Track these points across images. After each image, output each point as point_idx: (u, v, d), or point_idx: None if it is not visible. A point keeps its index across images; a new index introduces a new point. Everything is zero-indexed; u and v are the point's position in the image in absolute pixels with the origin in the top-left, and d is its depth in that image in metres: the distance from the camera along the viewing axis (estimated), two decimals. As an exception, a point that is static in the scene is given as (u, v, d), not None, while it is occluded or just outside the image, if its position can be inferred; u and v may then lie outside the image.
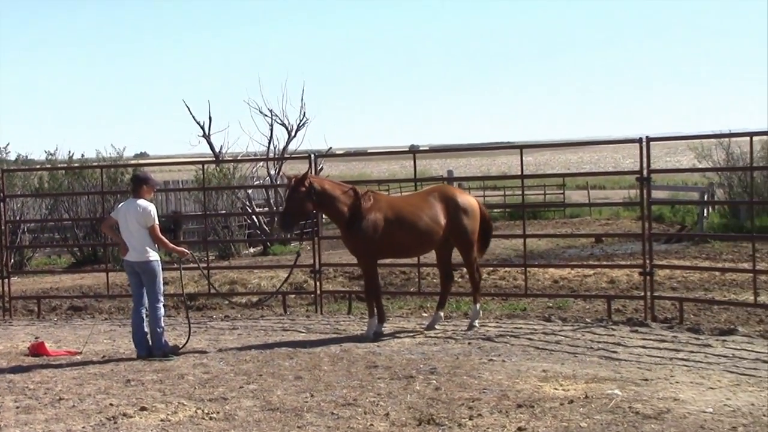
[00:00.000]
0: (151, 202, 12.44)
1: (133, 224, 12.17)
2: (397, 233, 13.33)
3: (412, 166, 16.58)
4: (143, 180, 12.47)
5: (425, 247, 13.98)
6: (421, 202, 13.62)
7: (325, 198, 13.19)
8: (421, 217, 13.38)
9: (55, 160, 30.87)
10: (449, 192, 13.96)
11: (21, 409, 9.64)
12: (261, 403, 9.56)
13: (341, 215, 13.26)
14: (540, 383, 10.15)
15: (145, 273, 12.22)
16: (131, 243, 12.24)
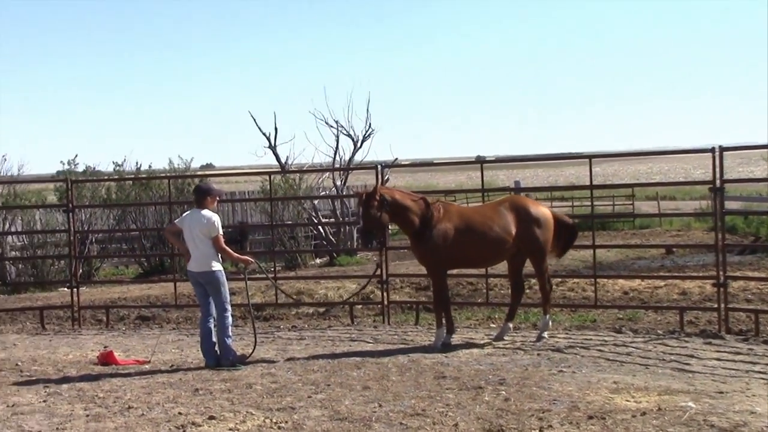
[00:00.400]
0: (216, 213, 12.47)
1: (197, 235, 12.21)
2: (467, 244, 13.23)
3: (479, 177, 16.46)
4: (206, 191, 12.50)
5: (495, 258, 13.86)
6: (492, 212, 13.51)
7: (397, 208, 13.15)
8: (491, 228, 13.27)
9: (122, 171, 31.19)
10: (521, 202, 13.83)
11: (91, 417, 9.70)
12: (329, 413, 9.52)
13: (412, 225, 13.20)
14: (611, 395, 10.00)
15: (210, 284, 12.26)
16: (195, 253, 12.28)
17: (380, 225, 13.17)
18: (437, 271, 13.44)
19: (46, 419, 9.69)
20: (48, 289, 24.68)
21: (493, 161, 35.15)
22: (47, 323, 17.35)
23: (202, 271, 12.23)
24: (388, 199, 13.05)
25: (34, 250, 27.08)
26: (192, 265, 12.35)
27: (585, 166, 15.83)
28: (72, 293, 17.41)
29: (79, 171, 30.09)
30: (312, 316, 17.41)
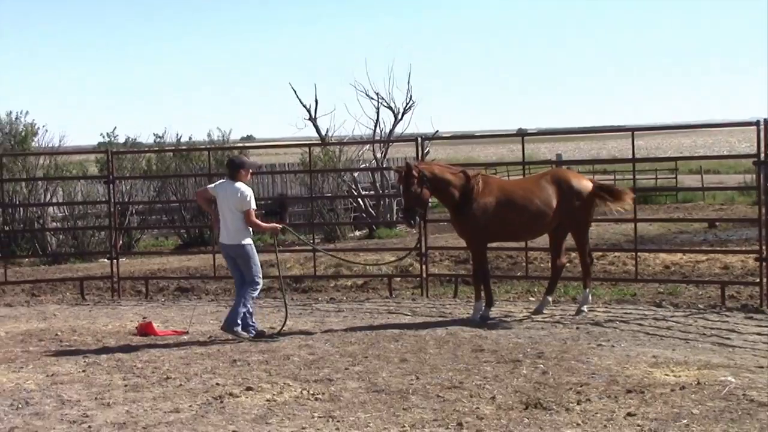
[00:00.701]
0: (250, 186, 12.42)
1: (230, 207, 12.15)
2: (508, 217, 13.17)
3: (520, 150, 16.36)
4: (240, 164, 12.42)
5: (536, 231, 13.81)
6: (533, 185, 13.42)
7: (437, 183, 13.07)
8: (532, 201, 13.18)
9: (163, 143, 31.27)
10: (563, 175, 13.72)
11: (129, 387, 9.75)
12: (366, 385, 9.52)
13: (452, 198, 13.14)
14: (650, 369, 9.92)
15: (240, 257, 12.22)
16: (225, 225, 12.23)
17: (422, 202, 13.10)
18: (478, 245, 13.38)
19: (85, 389, 9.76)
20: (88, 260, 24.86)
21: (535, 134, 34.92)
22: (87, 294, 17.47)
23: (233, 243, 12.19)
24: (427, 174, 12.97)
25: (74, 221, 27.26)
26: (223, 237, 12.33)
27: (628, 140, 15.82)
28: (112, 264, 17.51)
29: (119, 142, 30.20)
30: (350, 288, 17.41)
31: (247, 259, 12.20)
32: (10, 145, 26.81)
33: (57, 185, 27.18)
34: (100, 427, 8.30)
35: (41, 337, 12.96)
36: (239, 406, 8.86)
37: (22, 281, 19.07)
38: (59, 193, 27.54)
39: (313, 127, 34.57)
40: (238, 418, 8.47)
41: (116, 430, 8.19)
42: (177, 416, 8.58)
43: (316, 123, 34.48)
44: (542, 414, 8.29)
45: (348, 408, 8.68)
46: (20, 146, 26.91)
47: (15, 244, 25.55)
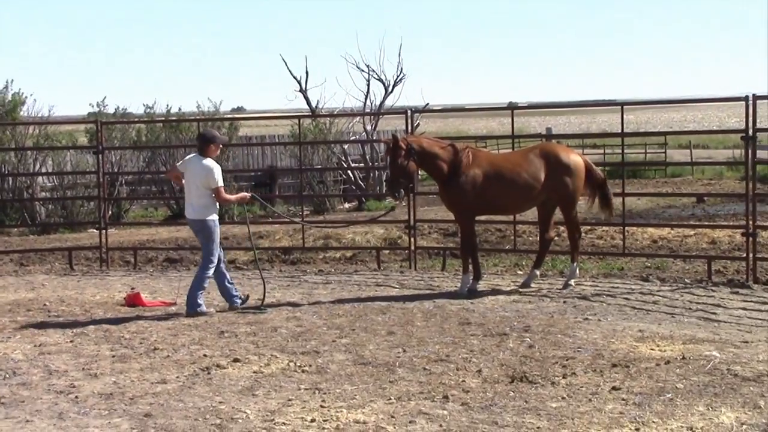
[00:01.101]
0: (217, 162, 12.31)
1: (196, 183, 12.05)
2: (496, 190, 13.20)
3: (510, 123, 16.36)
4: (210, 139, 12.29)
5: (524, 205, 13.88)
6: (522, 159, 13.44)
7: (425, 156, 13.09)
8: (520, 174, 13.21)
9: (153, 114, 31.13)
10: (551, 149, 13.74)
11: (117, 358, 9.78)
12: (353, 357, 9.56)
13: (440, 171, 13.16)
14: (636, 343, 9.98)
15: (201, 231, 12.16)
16: (190, 200, 12.16)
17: (408, 174, 13.08)
18: (466, 217, 13.41)
19: (72, 359, 9.78)
20: (77, 230, 24.81)
21: (525, 107, 34.94)
22: (75, 264, 17.45)
23: (196, 218, 12.13)
24: (415, 147, 12.98)
25: (63, 191, 27.18)
26: (188, 212, 12.27)
27: (618, 114, 15.72)
28: (101, 234, 17.49)
29: (109, 113, 30.07)
30: (339, 260, 17.42)
31: (208, 235, 12.11)
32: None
33: (46, 155, 27.07)
34: (87, 398, 8.33)
35: (29, 307, 12.97)
36: (226, 378, 8.89)
37: (11, 251, 19.05)
38: (48, 163, 27.44)
39: (304, 99, 34.50)
40: (225, 389, 8.50)
41: (103, 401, 8.22)
42: (164, 387, 8.61)
43: (306, 95, 34.41)
44: (528, 387, 8.34)
45: (335, 380, 8.72)
46: (9, 116, 26.77)
47: (4, 213, 25.50)
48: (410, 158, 12.94)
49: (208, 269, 12.13)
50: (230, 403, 8.05)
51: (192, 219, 12.22)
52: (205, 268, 12.14)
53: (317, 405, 7.93)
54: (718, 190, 32.02)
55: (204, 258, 12.21)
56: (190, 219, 12.29)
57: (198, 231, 12.23)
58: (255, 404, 8.00)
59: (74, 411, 7.95)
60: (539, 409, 7.70)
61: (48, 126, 27.39)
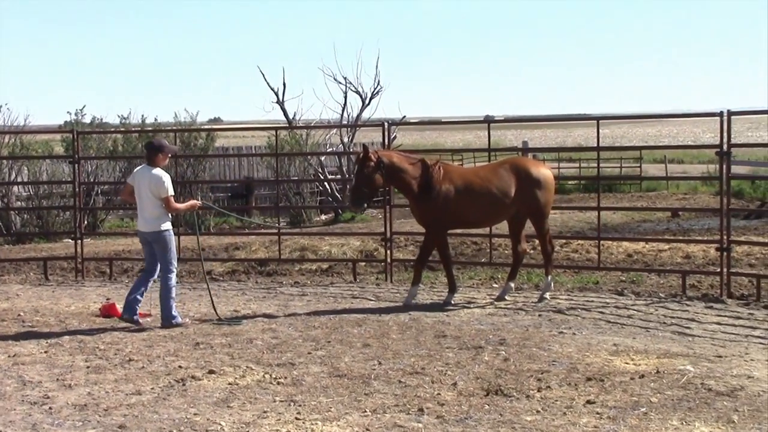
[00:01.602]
0: (167, 171, 12.20)
1: (146, 193, 11.93)
2: (467, 205, 13.27)
3: (487, 137, 16.41)
4: (158, 148, 12.14)
5: (494, 219, 14.01)
6: (491, 173, 13.51)
7: (394, 171, 13.11)
8: (490, 189, 13.28)
9: (128, 124, 31.06)
10: (522, 164, 13.82)
11: (91, 369, 9.74)
12: (329, 370, 9.55)
13: (410, 187, 13.20)
14: (611, 357, 10.01)
15: (157, 243, 12.02)
16: (143, 212, 12.02)
17: (372, 186, 13.10)
18: (438, 232, 13.45)
19: (46, 370, 9.74)
20: (52, 240, 24.71)
21: (502, 121, 34.95)
22: (51, 274, 17.37)
23: (150, 231, 12.00)
24: (385, 161, 13.01)
25: (39, 201, 27.07)
26: (140, 224, 12.14)
27: (593, 128, 15.87)
28: (76, 245, 17.41)
29: (85, 122, 29.98)
30: (315, 272, 17.41)
31: (164, 244, 12.00)
32: (-28, 124, 26.61)
33: (22, 164, 26.97)
34: (61, 408, 8.29)
35: (3, 317, 12.90)
36: (201, 389, 8.87)
37: (-16, 260, 18.93)
38: (24, 172, 27.33)
39: (281, 110, 34.51)
40: (200, 401, 8.48)
41: (77, 412, 8.18)
42: (139, 398, 8.58)
43: (283, 106, 34.43)
44: (503, 401, 8.36)
45: (310, 392, 8.71)
46: (-18, 125, 26.70)
47: (-22, 223, 25.37)
48: (378, 171, 12.97)
49: (169, 279, 12.03)
50: (205, 414, 8.03)
51: (145, 231, 12.06)
52: (166, 280, 12.02)
53: (292, 417, 7.92)
54: (692, 205, 32.23)
55: (163, 269, 12.09)
56: (142, 231, 12.10)
57: (153, 242, 12.04)
58: (230, 416, 7.99)
59: (48, 422, 7.91)
60: (514, 423, 7.71)
61: (23, 135, 27.28)
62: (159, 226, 11.97)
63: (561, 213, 26.63)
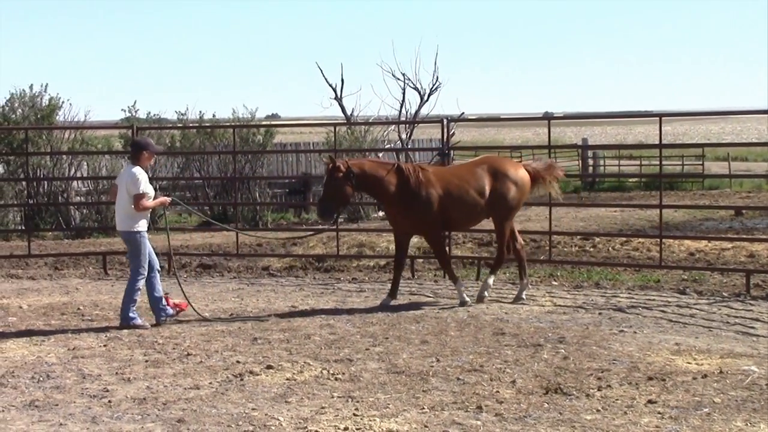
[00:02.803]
0: (146, 171, 12.02)
1: (122, 192, 11.74)
2: (450, 207, 13.06)
3: (546, 134, 16.29)
4: (143, 146, 11.99)
5: (474, 220, 13.73)
6: (468, 174, 13.31)
7: (367, 179, 12.86)
8: (468, 190, 13.09)
9: (186, 120, 31.22)
10: (498, 164, 13.60)
11: (150, 363, 9.79)
12: (386, 366, 9.52)
13: (388, 194, 12.96)
14: (672, 356, 9.87)
15: (128, 243, 11.83)
16: (119, 210, 11.85)
17: (341, 197, 12.82)
18: (435, 232, 13.30)
19: (105, 363, 9.80)
20: (111, 234, 24.80)
21: (561, 117, 34.81)
22: (110, 269, 17.49)
23: (123, 230, 11.84)
24: (355, 171, 12.72)
25: (98, 196, 27.28)
26: (117, 223, 12.01)
27: (654, 125, 15.60)
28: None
29: (141, 118, 30.16)
30: (373, 268, 17.36)
31: (136, 246, 11.76)
32: (35, 119, 26.82)
33: (81, 160, 27.19)
34: (120, 402, 8.33)
35: (63, 310, 13.02)
36: (259, 385, 8.88)
37: (46, 254, 19.14)
38: (84, 167, 27.55)
39: (339, 106, 34.49)
40: (257, 396, 8.48)
41: (136, 405, 8.22)
42: (197, 393, 8.61)
43: (341, 102, 34.37)
44: (562, 399, 8.27)
45: (368, 389, 8.68)
46: (45, 120, 26.91)
47: (39, 217, 25.60)
48: (347, 182, 12.69)
49: (137, 282, 11.77)
50: (263, 410, 8.03)
51: (119, 230, 11.96)
52: (134, 282, 11.78)
53: (350, 413, 7.90)
54: (756, 203, 31.72)
55: (132, 270, 11.90)
56: (118, 230, 12.02)
57: (126, 241, 11.89)
58: (288, 411, 7.98)
59: (107, 415, 7.96)
60: (574, 422, 7.63)
61: (83, 131, 27.51)
62: (132, 227, 11.74)
63: (621, 211, 26.38)
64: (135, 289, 11.77)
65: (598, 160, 42.05)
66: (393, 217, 13.45)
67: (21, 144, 24.29)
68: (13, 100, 26.86)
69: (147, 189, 11.77)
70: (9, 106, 26.84)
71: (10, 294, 14.57)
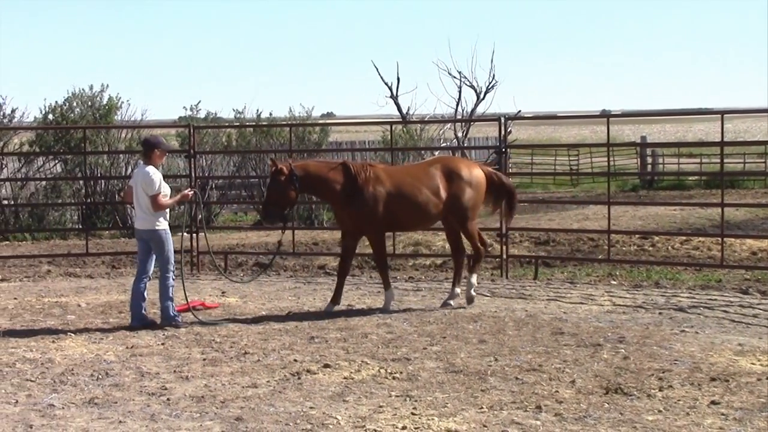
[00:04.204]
0: (159, 169, 12.01)
1: (140, 191, 11.75)
2: (398, 207, 12.70)
3: (604, 132, 16.13)
4: (154, 144, 11.99)
5: (427, 221, 13.38)
6: (422, 173, 12.94)
7: (311, 181, 12.59)
8: (421, 190, 12.72)
9: (243, 119, 31.32)
10: (453, 164, 13.26)
11: (207, 361, 9.81)
12: (444, 365, 9.45)
13: (333, 194, 12.67)
14: (735, 357, 9.72)
15: (153, 241, 11.85)
16: (140, 209, 11.85)
17: (285, 200, 12.58)
18: (377, 235, 12.93)
19: (163, 362, 9.83)
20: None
21: (619, 115, 34.47)
22: (167, 267, 17.55)
23: (145, 228, 11.85)
24: (297, 173, 12.43)
25: (155, 195, 27.46)
26: (137, 222, 12.02)
27: (713, 122, 15.54)
28: (191, 239, 17.58)
29: (200, 117, 30.33)
30: (429, 267, 17.30)
31: (160, 243, 11.81)
32: (93, 119, 27.05)
33: (138, 159, 27.37)
34: (178, 400, 8.35)
35: (121, 309, 13.09)
36: (317, 383, 8.85)
37: (103, 253, 19.28)
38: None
39: (395, 105, 34.46)
40: (315, 394, 8.46)
41: (195, 404, 8.23)
42: (255, 391, 8.60)
43: (397, 101, 34.35)
44: (623, 399, 8.17)
45: (425, 388, 8.63)
46: (103, 120, 27.13)
47: (96, 216, 25.82)
48: (291, 185, 12.44)
49: (168, 278, 11.83)
50: (321, 408, 8.01)
51: (141, 229, 11.93)
52: (165, 279, 11.83)
53: (408, 412, 7.85)
54: (819, 202, 31.20)
55: (161, 268, 11.91)
56: (138, 229, 12.00)
57: (149, 240, 11.88)
58: (346, 410, 7.95)
59: (166, 413, 7.97)
60: (635, 422, 7.53)
61: (141, 130, 27.70)
62: (153, 224, 11.78)
63: (681, 210, 26.07)
64: (168, 286, 11.82)
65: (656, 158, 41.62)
66: (339, 215, 13.18)
67: (79, 143, 24.47)
68: (72, 99, 27.09)
69: (162, 188, 11.83)
70: (67, 105, 27.06)
71: (69, 292, 14.69)
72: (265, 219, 13.23)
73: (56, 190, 25.37)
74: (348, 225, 12.96)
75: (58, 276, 16.75)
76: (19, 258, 18.56)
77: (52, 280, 16.32)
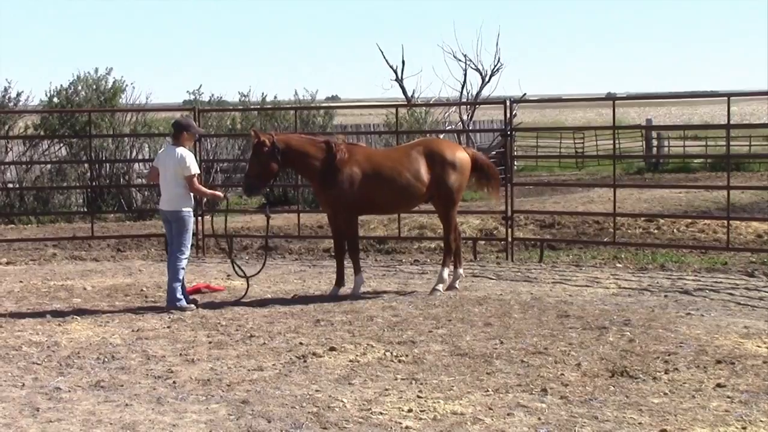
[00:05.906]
0: (191, 151, 12.07)
1: (170, 172, 11.76)
2: (375, 189, 12.59)
3: (610, 114, 16.10)
4: (185, 127, 12.02)
5: (406, 205, 13.32)
6: (403, 156, 12.82)
7: (292, 155, 12.46)
8: (401, 173, 12.59)
9: (247, 102, 31.29)
10: (435, 146, 13.10)
11: (213, 345, 9.82)
12: (450, 348, 9.46)
13: (313, 170, 12.53)
14: (741, 340, 9.72)
15: (176, 222, 11.83)
16: (165, 191, 11.88)
17: (267, 173, 12.45)
18: (348, 216, 12.72)
19: (169, 345, 9.85)
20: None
21: (624, 98, 34.37)
22: (173, 250, 17.57)
23: (171, 210, 11.83)
24: (279, 146, 12.33)
25: (160, 178, 27.45)
26: (163, 204, 12.01)
27: (719, 105, 15.46)
28: (196, 222, 17.55)
29: (204, 101, 30.31)
30: (434, 250, 17.29)
31: (183, 226, 11.82)
32: (98, 102, 27.03)
33: (143, 142, 27.38)
34: (184, 383, 8.37)
35: (127, 292, 13.11)
36: (322, 366, 8.86)
37: (108, 236, 19.29)
38: (145, 149, 27.72)
39: (400, 88, 34.39)
40: (321, 377, 8.47)
41: (201, 387, 8.25)
42: (260, 374, 8.61)
43: (402, 84, 34.28)
44: (628, 382, 8.17)
45: (431, 371, 8.64)
46: (108, 103, 27.11)
47: (101, 199, 25.83)
48: (273, 157, 12.32)
49: (180, 260, 11.84)
50: (327, 391, 8.02)
51: (166, 210, 11.92)
52: (177, 260, 11.84)
53: (414, 395, 7.86)
54: (825, 184, 31.14)
55: (176, 249, 11.89)
56: (164, 210, 11.98)
57: (173, 221, 11.87)
58: (351, 393, 7.96)
59: (172, 396, 7.99)
60: (640, 405, 7.53)
61: (145, 113, 27.69)
62: (180, 206, 11.81)
63: (686, 192, 26.03)
64: (179, 268, 11.83)
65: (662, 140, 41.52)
66: (317, 193, 13.17)
67: (84, 126, 24.47)
68: (77, 82, 27.05)
69: (198, 170, 11.92)
70: (72, 89, 27.03)
71: (74, 275, 14.71)
72: (246, 191, 13.17)
73: (61, 173, 25.38)
74: (323, 203, 12.96)
75: (63, 259, 16.76)
76: (25, 241, 18.58)
77: (57, 263, 16.33)
